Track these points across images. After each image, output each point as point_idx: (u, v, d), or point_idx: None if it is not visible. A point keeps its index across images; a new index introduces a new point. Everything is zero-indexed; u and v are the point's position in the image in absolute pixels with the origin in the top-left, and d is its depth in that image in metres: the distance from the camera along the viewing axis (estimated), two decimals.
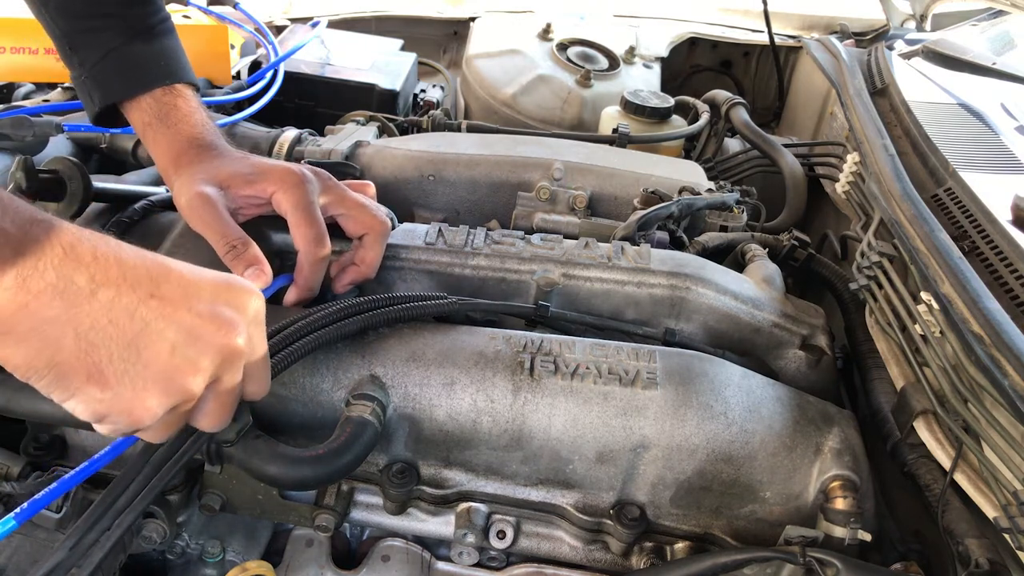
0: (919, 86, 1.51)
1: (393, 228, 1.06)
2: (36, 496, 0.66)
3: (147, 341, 0.58)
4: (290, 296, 0.93)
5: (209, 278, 0.63)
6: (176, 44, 1.00)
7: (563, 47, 1.92)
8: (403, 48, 1.88)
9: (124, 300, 0.57)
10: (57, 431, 0.92)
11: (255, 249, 0.87)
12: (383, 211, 0.98)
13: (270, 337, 0.80)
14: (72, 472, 0.68)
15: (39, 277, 0.52)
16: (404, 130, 1.59)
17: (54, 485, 0.67)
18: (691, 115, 1.73)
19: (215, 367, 0.62)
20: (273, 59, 1.66)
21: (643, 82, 1.89)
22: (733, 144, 1.76)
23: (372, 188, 1.04)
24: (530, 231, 1.13)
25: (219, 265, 0.93)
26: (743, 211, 1.29)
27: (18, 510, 0.64)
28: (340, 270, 0.96)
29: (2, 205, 0.52)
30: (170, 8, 1.65)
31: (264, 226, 1.00)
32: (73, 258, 0.55)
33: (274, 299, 0.97)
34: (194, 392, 0.61)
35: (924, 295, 0.93)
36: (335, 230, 0.97)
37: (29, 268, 0.52)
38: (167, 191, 1.12)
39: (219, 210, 0.88)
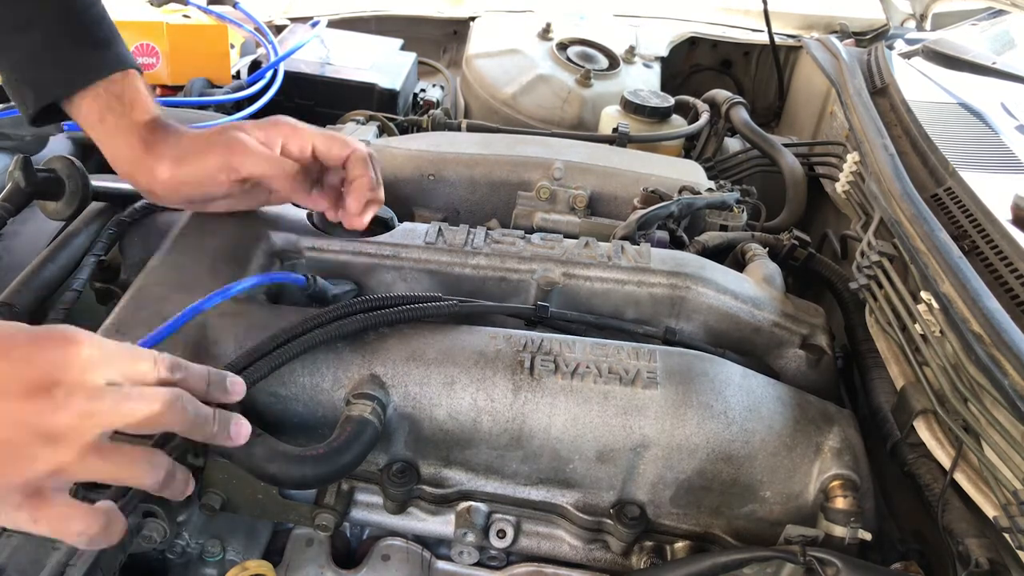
0: (919, 86, 1.51)
1: (393, 228, 1.06)
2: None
3: None
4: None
5: (22, 337, 0.54)
6: (112, 28, 0.94)
7: (563, 47, 1.92)
8: (403, 48, 1.88)
9: None
10: None
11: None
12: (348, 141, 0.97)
13: (275, 337, 0.80)
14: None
15: None
16: (404, 130, 1.59)
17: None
18: (691, 115, 1.73)
19: (45, 456, 0.53)
20: (273, 59, 1.66)
21: (643, 82, 1.89)
22: (733, 144, 1.76)
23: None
24: (530, 230, 1.13)
25: (228, 257, 0.94)
26: (743, 211, 1.29)
27: None
28: (347, 198, 0.96)
29: None
30: (170, 8, 1.65)
31: (264, 226, 1.00)
32: None
33: (278, 299, 0.97)
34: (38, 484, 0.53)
35: (924, 295, 0.93)
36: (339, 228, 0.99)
37: None
38: None
39: (261, 146, 0.90)
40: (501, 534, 0.89)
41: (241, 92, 1.53)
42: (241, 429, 0.69)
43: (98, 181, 1.06)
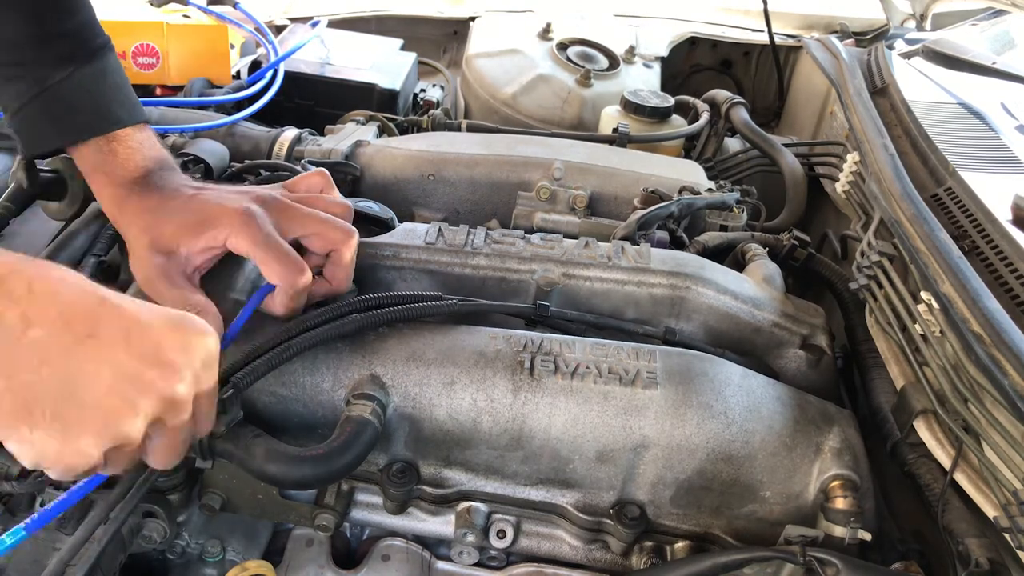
0: (919, 86, 1.51)
1: (393, 228, 1.06)
2: (47, 507, 0.65)
3: (81, 383, 0.55)
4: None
5: (159, 318, 0.60)
6: (108, 83, 0.88)
7: (563, 47, 1.92)
8: (403, 48, 1.88)
9: (58, 340, 0.54)
10: None
11: (214, 312, 0.81)
12: (344, 223, 0.88)
13: (274, 336, 0.80)
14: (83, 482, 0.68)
15: None
16: (404, 130, 1.59)
17: (64, 496, 0.66)
18: (691, 115, 1.73)
19: (154, 411, 0.59)
20: (273, 59, 1.66)
21: (643, 82, 1.89)
22: (733, 144, 1.76)
23: (321, 177, 0.93)
24: (530, 231, 1.13)
25: (227, 258, 0.91)
26: (743, 211, 1.29)
27: (28, 520, 0.64)
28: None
29: None
30: (170, 8, 1.65)
31: None
32: (4, 294, 0.52)
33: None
34: (131, 436, 0.58)
35: (924, 295, 0.93)
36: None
37: None
38: None
39: (171, 282, 0.81)
40: (501, 534, 0.89)
41: (241, 92, 1.53)
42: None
43: None
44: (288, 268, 0.81)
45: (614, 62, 1.92)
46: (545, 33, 1.95)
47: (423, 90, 1.87)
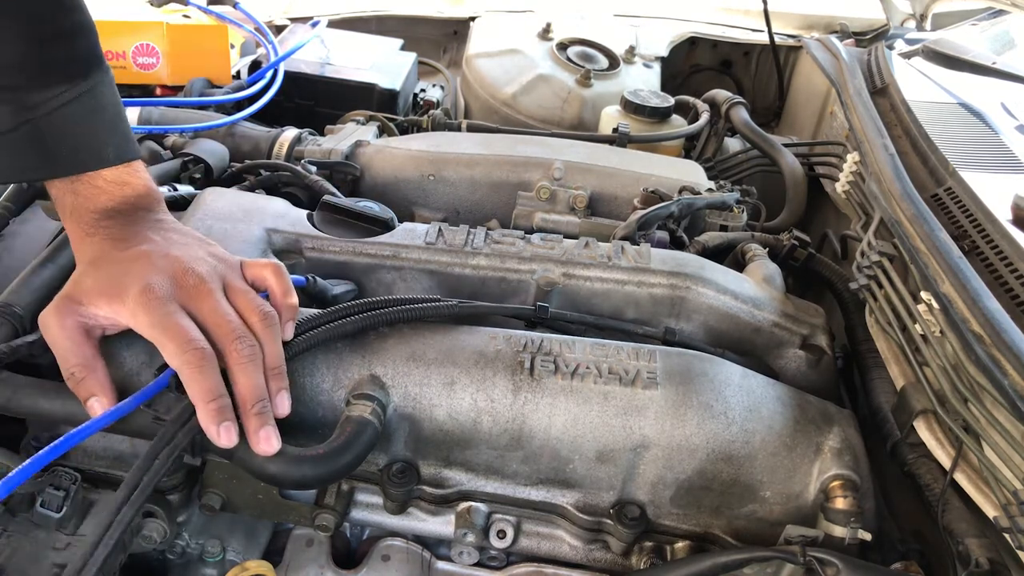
0: (919, 86, 1.51)
1: (393, 228, 1.06)
2: (9, 474, 0.66)
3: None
4: None
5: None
6: (98, 120, 0.84)
7: (563, 47, 1.92)
8: (403, 48, 1.88)
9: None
10: (57, 431, 0.92)
11: (99, 376, 0.76)
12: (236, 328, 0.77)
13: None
14: (48, 448, 0.68)
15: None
16: (404, 130, 1.59)
17: (28, 461, 0.67)
18: (691, 115, 1.73)
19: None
20: (273, 59, 1.66)
21: (643, 82, 1.89)
22: (733, 144, 1.76)
23: (271, 272, 0.84)
24: (530, 231, 1.14)
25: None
26: (743, 211, 1.29)
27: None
28: None
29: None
30: (170, 8, 1.65)
31: (264, 226, 1.00)
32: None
33: None
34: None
35: (924, 295, 0.93)
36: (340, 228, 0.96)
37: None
38: (169, 191, 1.12)
39: (64, 332, 0.76)
40: (501, 534, 0.89)
41: (241, 92, 1.53)
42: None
43: None
44: (183, 350, 0.73)
45: (614, 62, 1.93)
46: (545, 33, 1.95)
47: (423, 90, 1.87)
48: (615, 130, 1.55)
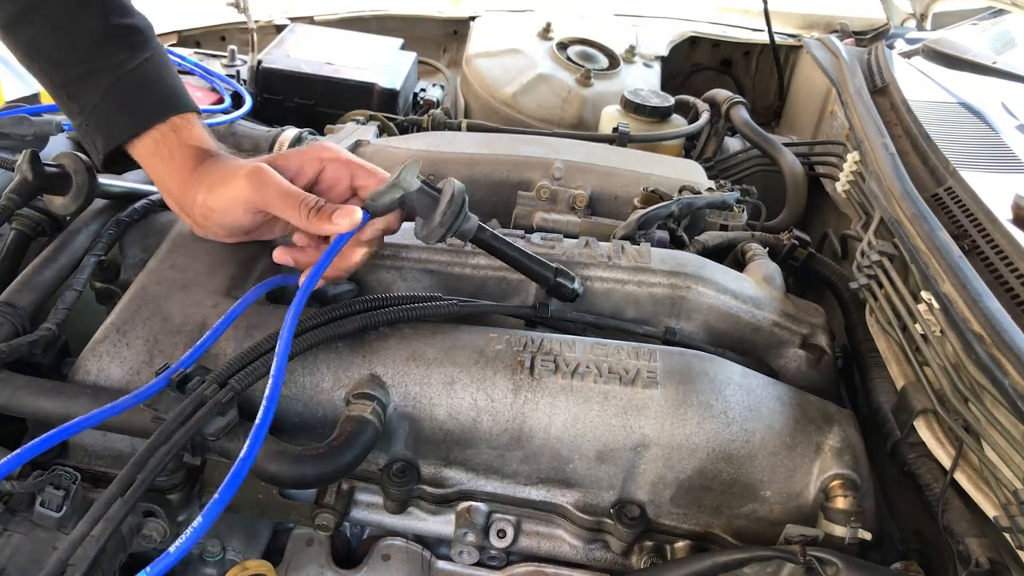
0: (919, 85, 1.51)
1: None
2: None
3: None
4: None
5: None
6: (169, 74, 0.97)
7: (563, 46, 1.92)
8: (403, 47, 1.88)
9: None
10: None
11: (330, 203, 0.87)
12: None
13: (274, 336, 0.80)
14: (35, 440, 0.69)
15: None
16: (404, 129, 1.59)
17: (14, 453, 0.68)
18: (691, 114, 1.73)
19: None
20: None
21: (643, 81, 1.89)
22: (733, 143, 1.76)
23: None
24: (530, 230, 1.13)
25: (227, 258, 0.95)
26: (743, 210, 1.29)
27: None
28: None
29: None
30: None
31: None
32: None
33: (278, 299, 0.97)
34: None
35: (924, 294, 0.93)
36: None
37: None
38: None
39: (281, 178, 0.87)
40: (501, 534, 0.89)
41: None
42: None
43: (101, 178, 1.05)
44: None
45: (614, 62, 1.93)
46: (545, 33, 1.95)
47: (423, 90, 1.87)
48: (615, 130, 1.55)
